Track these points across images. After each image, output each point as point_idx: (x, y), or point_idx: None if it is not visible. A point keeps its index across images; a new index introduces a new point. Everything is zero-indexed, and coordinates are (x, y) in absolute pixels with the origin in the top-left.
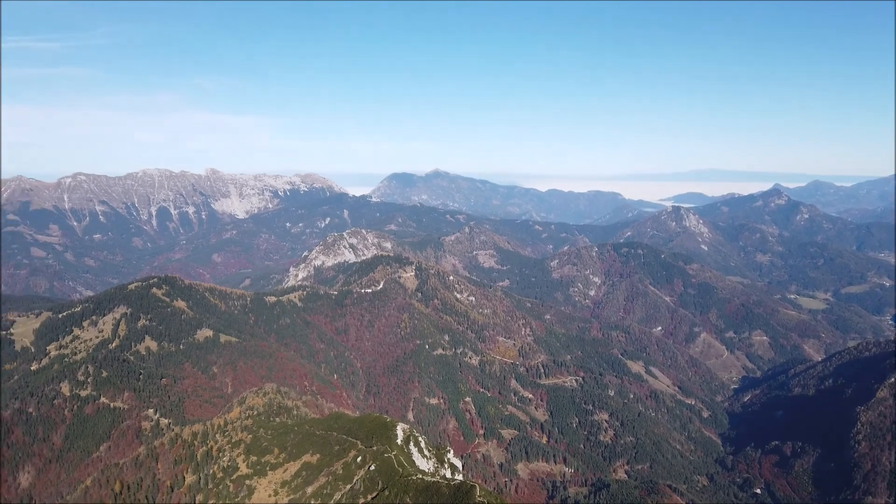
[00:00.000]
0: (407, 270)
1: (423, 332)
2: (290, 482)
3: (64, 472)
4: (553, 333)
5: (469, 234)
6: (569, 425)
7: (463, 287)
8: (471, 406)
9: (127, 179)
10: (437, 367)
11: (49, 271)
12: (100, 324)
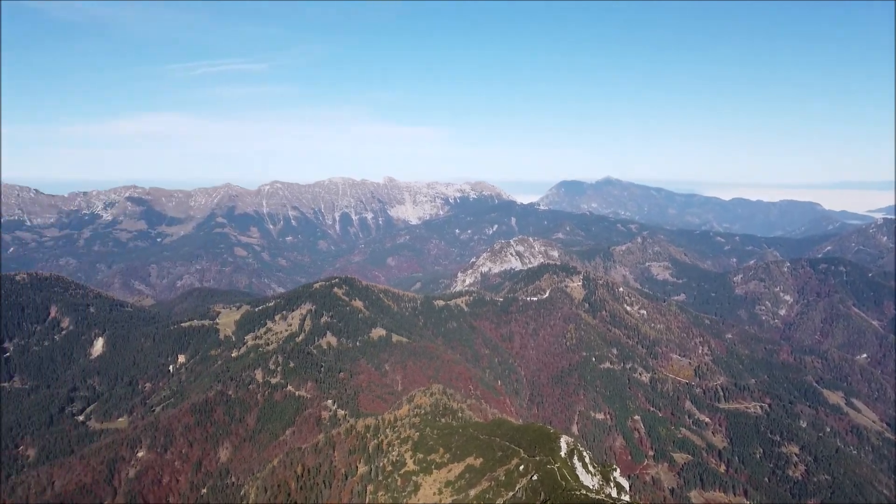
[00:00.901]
0: (574, 280)
1: (590, 344)
2: (453, 483)
3: (255, 451)
4: (735, 354)
5: (641, 244)
6: (751, 455)
7: (634, 299)
8: (640, 425)
9: (315, 187)
10: (603, 381)
11: (249, 269)
12: (289, 318)
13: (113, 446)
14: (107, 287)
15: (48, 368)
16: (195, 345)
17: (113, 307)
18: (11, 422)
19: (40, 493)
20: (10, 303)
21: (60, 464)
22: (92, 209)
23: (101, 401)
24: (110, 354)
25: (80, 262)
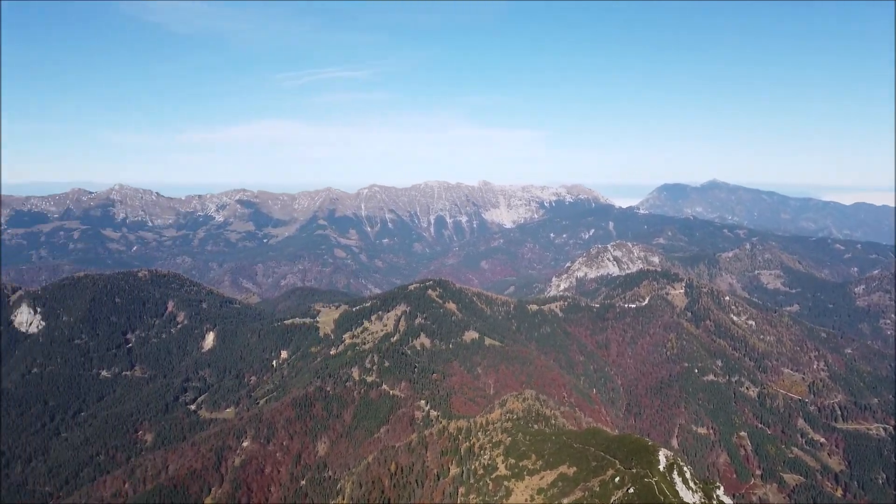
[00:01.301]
0: (675, 287)
1: (692, 355)
2: (546, 490)
3: (351, 446)
4: (855, 371)
5: (750, 250)
6: (873, 481)
7: (741, 309)
8: (746, 442)
9: (411, 191)
10: (706, 394)
11: (347, 270)
12: (384, 319)
13: (221, 435)
14: (218, 284)
15: (165, 360)
16: (297, 341)
17: (223, 304)
18: (132, 408)
19: (156, 475)
20: (133, 297)
21: (174, 449)
22: (206, 211)
23: (211, 392)
24: (220, 348)
25: (194, 260)
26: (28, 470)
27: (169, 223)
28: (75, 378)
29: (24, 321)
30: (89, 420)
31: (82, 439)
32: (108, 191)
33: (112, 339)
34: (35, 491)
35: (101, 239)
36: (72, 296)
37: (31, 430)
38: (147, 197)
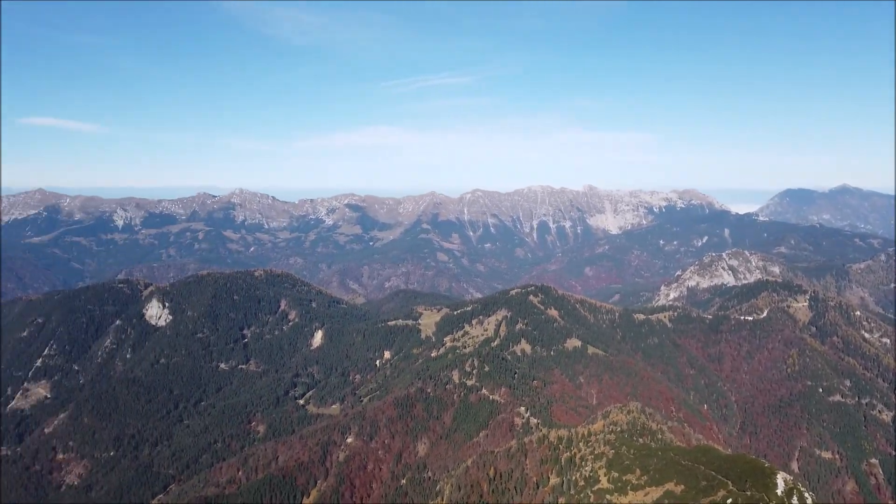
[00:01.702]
0: (798, 300)
1: (816, 373)
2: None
3: (451, 449)
4: None
5: (886, 262)
6: None
7: (874, 325)
8: (878, 469)
9: (514, 195)
10: (832, 416)
11: (449, 273)
12: (485, 323)
13: (327, 430)
14: (326, 285)
15: (277, 355)
16: (399, 342)
17: (331, 304)
18: (246, 400)
19: (267, 465)
20: (250, 296)
21: (284, 441)
22: (317, 214)
23: (318, 388)
24: (327, 346)
25: (305, 261)
26: (154, 452)
27: (283, 226)
28: (197, 369)
29: (154, 315)
30: (208, 409)
31: (202, 427)
32: (229, 195)
33: (230, 334)
34: (160, 473)
35: (223, 240)
36: (196, 292)
37: (158, 416)
38: (264, 201)
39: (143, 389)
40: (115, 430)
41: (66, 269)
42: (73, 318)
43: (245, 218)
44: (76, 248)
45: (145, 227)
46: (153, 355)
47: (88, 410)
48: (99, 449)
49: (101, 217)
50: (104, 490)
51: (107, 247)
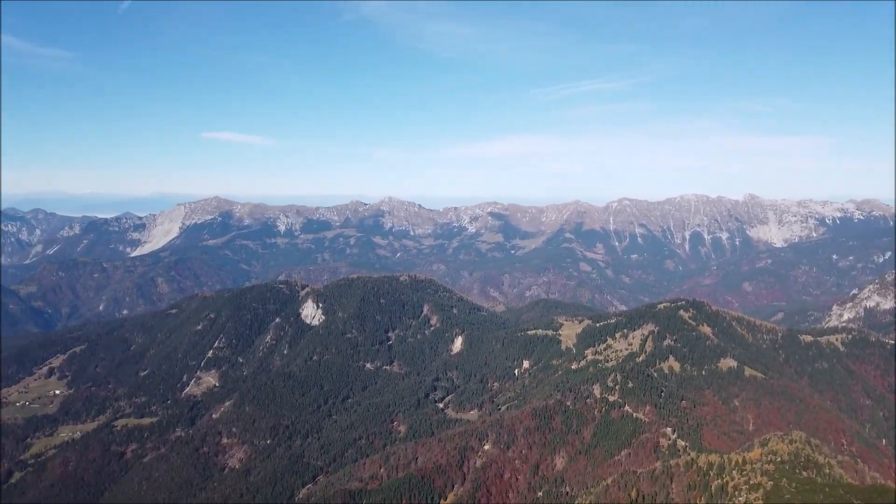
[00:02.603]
0: None
1: None
2: None
3: (590, 465)
4: None
5: None
6: None
7: None
8: None
9: (665, 204)
10: None
11: (592, 284)
12: (630, 337)
13: (465, 435)
14: (467, 292)
15: (418, 358)
16: (539, 352)
17: (471, 310)
18: (389, 400)
19: (407, 464)
20: (395, 299)
21: (423, 443)
22: (460, 222)
23: (457, 393)
24: (467, 352)
25: (448, 268)
26: (305, 444)
27: (427, 233)
28: (345, 368)
29: (309, 314)
30: (354, 406)
31: (348, 423)
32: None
33: (376, 336)
34: (309, 463)
35: (372, 245)
36: (346, 294)
37: (310, 410)
38: (410, 209)
39: (297, 384)
40: (273, 420)
41: (235, 270)
42: (239, 315)
43: (393, 225)
44: (244, 251)
45: (304, 232)
46: (307, 352)
47: (250, 400)
48: (258, 436)
49: (267, 223)
50: (261, 476)
51: (270, 250)
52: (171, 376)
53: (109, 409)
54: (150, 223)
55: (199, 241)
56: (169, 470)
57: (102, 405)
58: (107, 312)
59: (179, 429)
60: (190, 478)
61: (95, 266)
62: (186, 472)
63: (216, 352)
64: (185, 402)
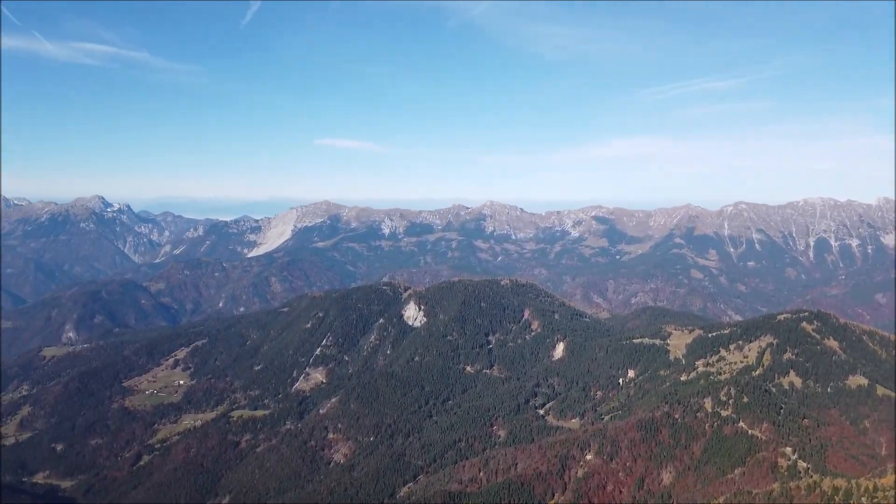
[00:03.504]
0: None
1: None
2: None
3: (699, 482)
4: None
5: None
6: None
7: None
8: None
9: (786, 208)
10: None
11: (704, 292)
12: (745, 349)
13: (566, 444)
14: (570, 297)
15: (519, 363)
16: (645, 362)
17: (574, 316)
18: (489, 404)
19: (506, 469)
20: (495, 303)
21: (523, 449)
22: (563, 226)
23: (559, 400)
24: (569, 359)
25: (549, 272)
26: (406, 443)
27: (529, 237)
28: (446, 370)
29: (412, 316)
30: (454, 409)
31: (448, 424)
32: (480, 206)
33: (476, 339)
34: (410, 462)
35: (473, 249)
36: (448, 297)
37: (411, 410)
38: (512, 212)
39: (399, 383)
40: (376, 418)
41: (342, 271)
42: (345, 315)
43: (494, 228)
44: (351, 253)
45: (407, 235)
46: (409, 353)
47: (355, 398)
48: (362, 433)
49: (372, 226)
50: (364, 472)
51: (375, 252)
52: (282, 371)
53: (227, 401)
54: (265, 226)
55: (310, 243)
56: (279, 461)
57: (220, 396)
58: (226, 309)
59: (289, 422)
60: (298, 469)
61: (216, 266)
62: (295, 463)
63: (324, 349)
64: (294, 396)
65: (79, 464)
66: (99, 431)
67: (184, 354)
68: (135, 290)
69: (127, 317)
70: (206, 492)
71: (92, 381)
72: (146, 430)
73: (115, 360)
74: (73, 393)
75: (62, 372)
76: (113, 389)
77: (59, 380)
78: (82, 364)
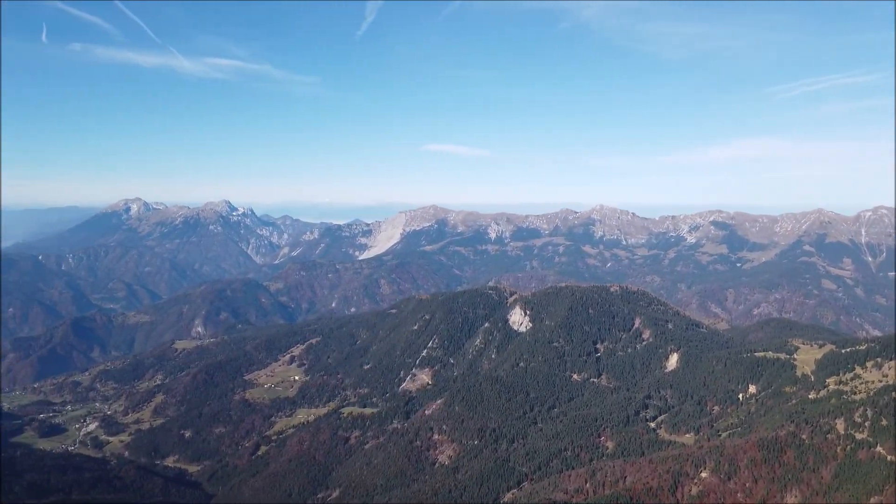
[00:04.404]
0: None
1: None
2: None
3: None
4: None
5: None
6: None
7: None
8: None
9: None
10: None
11: (837, 305)
12: (884, 367)
13: (679, 459)
14: (684, 306)
15: (628, 373)
16: (768, 377)
17: (689, 326)
18: (596, 413)
19: (614, 482)
20: (604, 310)
21: (632, 462)
22: (678, 232)
23: (671, 413)
24: (683, 371)
25: (662, 280)
26: (511, 449)
27: (641, 242)
28: (551, 377)
29: (517, 321)
30: (560, 416)
31: (554, 432)
32: (589, 211)
33: (583, 347)
34: (515, 468)
35: (581, 254)
36: (554, 303)
37: (515, 416)
38: (623, 217)
39: (503, 388)
40: (480, 421)
41: (448, 275)
42: (451, 318)
43: (603, 233)
44: (457, 257)
45: (513, 239)
46: (514, 358)
47: (459, 400)
48: (466, 436)
49: (478, 230)
50: (468, 474)
51: (481, 256)
52: (389, 371)
53: (338, 397)
54: (375, 229)
55: (418, 247)
56: (386, 458)
57: (332, 393)
58: (338, 309)
59: (396, 421)
60: (404, 468)
61: (330, 267)
62: (401, 462)
63: (430, 351)
64: (401, 396)
65: (204, 450)
66: (222, 421)
67: (299, 351)
68: (256, 289)
69: (248, 314)
70: (318, 484)
71: (217, 374)
72: (264, 422)
73: (238, 355)
74: (200, 384)
75: (191, 364)
76: (235, 382)
77: (188, 371)
78: (209, 357)
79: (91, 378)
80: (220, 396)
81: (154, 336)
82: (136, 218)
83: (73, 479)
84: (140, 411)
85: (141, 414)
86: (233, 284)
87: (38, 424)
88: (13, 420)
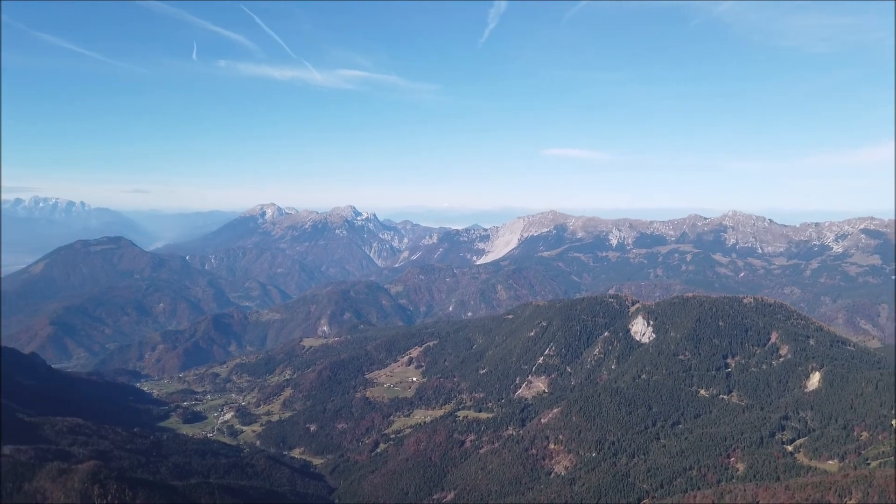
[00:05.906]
0: None
1: None
2: None
3: None
4: None
5: None
6: None
7: None
8: None
9: None
10: None
11: None
12: None
13: (820, 487)
14: (829, 321)
15: (763, 391)
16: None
17: (833, 343)
18: (726, 432)
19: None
20: (736, 323)
21: (766, 487)
22: (822, 241)
23: (812, 437)
24: (826, 391)
25: (803, 292)
26: (631, 464)
27: (779, 251)
28: (676, 391)
29: (639, 331)
30: (685, 433)
31: (678, 450)
32: (720, 217)
33: (712, 361)
34: (635, 484)
35: (711, 263)
36: (680, 314)
37: (636, 430)
38: (759, 224)
39: (623, 401)
40: (598, 433)
41: (566, 281)
42: (569, 326)
43: (736, 241)
44: (576, 263)
45: (636, 246)
46: (635, 370)
47: (577, 411)
48: (583, 447)
49: (599, 236)
50: (585, 487)
51: (601, 263)
52: (505, 377)
53: (453, 400)
54: (493, 234)
55: (535, 252)
56: (501, 464)
57: (448, 395)
58: (455, 312)
59: (511, 427)
60: (519, 475)
61: (448, 271)
62: (516, 469)
63: (546, 359)
64: (517, 402)
65: (327, 444)
66: (345, 417)
67: (417, 353)
68: (377, 291)
69: (370, 314)
70: (434, 485)
71: (340, 371)
72: (383, 420)
73: (360, 354)
74: (325, 380)
75: (317, 360)
76: (357, 380)
77: (314, 367)
78: (333, 355)
79: (228, 370)
80: (342, 393)
81: (284, 333)
82: (270, 222)
83: (212, 463)
84: (271, 403)
85: (271, 406)
86: (356, 286)
87: (182, 411)
88: (161, 406)
